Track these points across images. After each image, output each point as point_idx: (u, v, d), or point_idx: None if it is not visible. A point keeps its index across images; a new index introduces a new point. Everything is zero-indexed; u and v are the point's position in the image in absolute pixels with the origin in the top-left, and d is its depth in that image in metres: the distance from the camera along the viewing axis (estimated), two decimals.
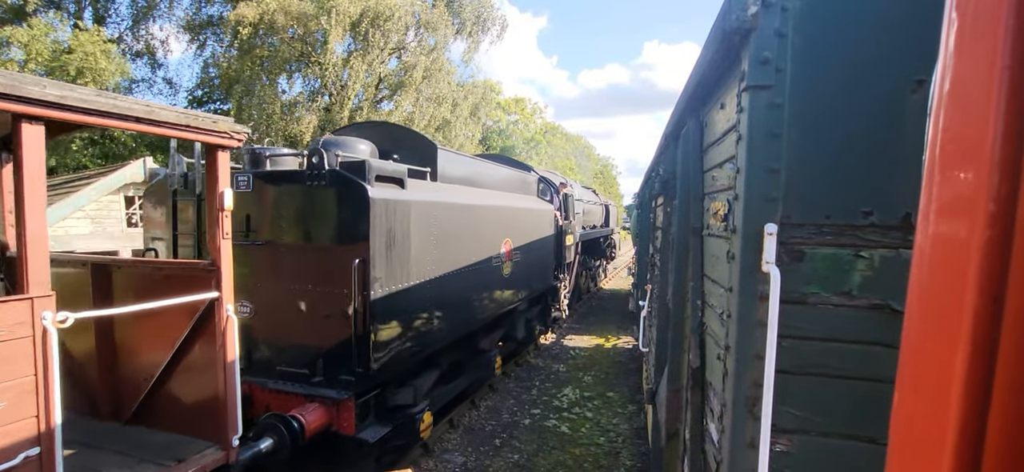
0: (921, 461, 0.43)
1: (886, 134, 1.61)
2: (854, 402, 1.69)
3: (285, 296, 4.55)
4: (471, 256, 6.05)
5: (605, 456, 6.07)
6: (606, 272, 22.61)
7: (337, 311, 4.36)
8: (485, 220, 6.52)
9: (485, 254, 6.49)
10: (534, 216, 8.80)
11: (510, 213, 7.51)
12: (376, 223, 4.24)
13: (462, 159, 6.99)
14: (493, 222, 6.77)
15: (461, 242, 5.80)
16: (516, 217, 7.76)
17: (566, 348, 10.98)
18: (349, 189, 4.28)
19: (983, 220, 0.37)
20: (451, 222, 5.57)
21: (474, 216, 6.17)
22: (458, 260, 5.75)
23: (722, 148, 2.28)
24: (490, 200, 6.86)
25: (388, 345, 4.58)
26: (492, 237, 6.71)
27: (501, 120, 39.12)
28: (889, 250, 1.63)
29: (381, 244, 4.34)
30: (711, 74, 2.29)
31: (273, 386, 4.54)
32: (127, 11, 20.32)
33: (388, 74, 21.89)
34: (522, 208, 8.16)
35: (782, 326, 1.66)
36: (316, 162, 4.35)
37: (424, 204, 5.03)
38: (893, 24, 1.59)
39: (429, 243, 5.11)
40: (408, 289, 4.81)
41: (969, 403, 0.38)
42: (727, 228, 2.05)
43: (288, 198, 4.51)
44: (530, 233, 8.45)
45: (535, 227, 8.77)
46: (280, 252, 4.54)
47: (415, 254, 4.85)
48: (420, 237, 4.93)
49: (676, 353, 3.30)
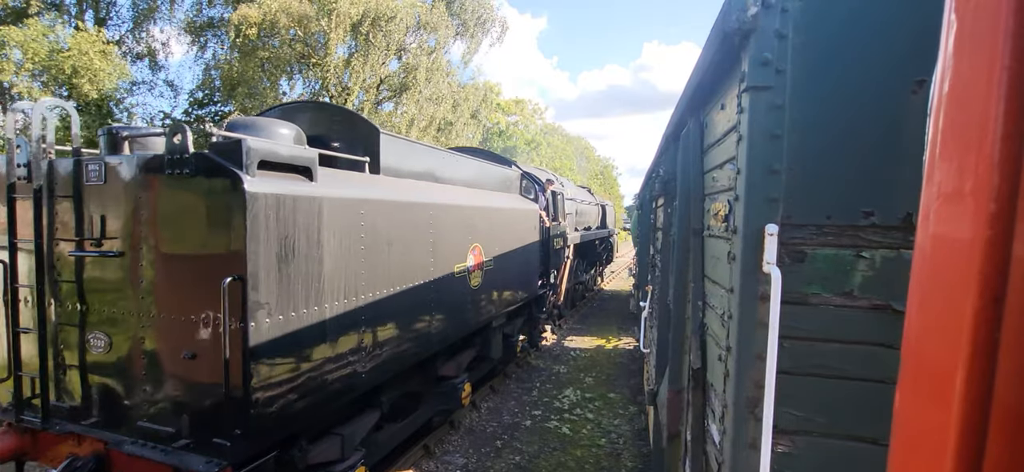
0: (922, 461, 0.43)
1: (887, 134, 1.62)
2: (856, 403, 1.69)
3: (144, 326, 3.36)
4: (424, 267, 4.97)
5: (607, 457, 6.06)
6: (603, 277, 21.55)
7: (206, 349, 3.19)
8: (446, 223, 5.35)
9: (445, 264, 5.39)
10: (514, 217, 7.65)
11: (482, 214, 6.36)
12: (259, 227, 3.10)
13: (418, 149, 5.73)
14: (457, 225, 5.63)
15: (408, 251, 4.67)
16: (490, 219, 6.63)
17: (567, 349, 10.97)
18: (217, 179, 3.11)
19: (983, 220, 0.37)
20: (393, 226, 4.42)
21: (428, 218, 5.02)
22: (404, 273, 4.63)
23: (723, 149, 2.29)
24: (453, 198, 5.68)
25: (281, 396, 3.37)
26: (456, 243, 5.60)
27: (501, 121, 39.14)
28: (890, 250, 1.63)
29: (268, 256, 3.18)
30: (711, 75, 2.30)
31: (130, 449, 3.30)
32: (128, 13, 20.37)
33: (389, 75, 21.92)
34: (498, 208, 6.99)
35: (783, 327, 1.66)
36: (178, 143, 3.15)
37: (346, 203, 3.83)
38: (893, 24, 1.59)
39: (356, 254, 3.94)
40: (318, 317, 3.61)
41: (970, 403, 0.38)
42: (728, 229, 2.05)
43: (146, 193, 3.30)
44: (509, 236, 7.35)
45: (515, 229, 7.66)
46: (139, 266, 3.35)
47: (331, 269, 3.69)
48: (340, 246, 3.78)
49: (677, 354, 3.30)
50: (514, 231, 7.64)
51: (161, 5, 20.08)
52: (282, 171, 3.47)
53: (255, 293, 3.13)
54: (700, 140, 2.81)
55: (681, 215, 3.08)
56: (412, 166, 5.42)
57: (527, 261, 8.39)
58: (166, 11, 20.37)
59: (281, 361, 3.36)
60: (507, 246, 7.28)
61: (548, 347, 11.03)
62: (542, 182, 9.74)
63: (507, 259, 7.27)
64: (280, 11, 17.90)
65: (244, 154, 3.13)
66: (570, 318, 13.98)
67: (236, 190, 3.06)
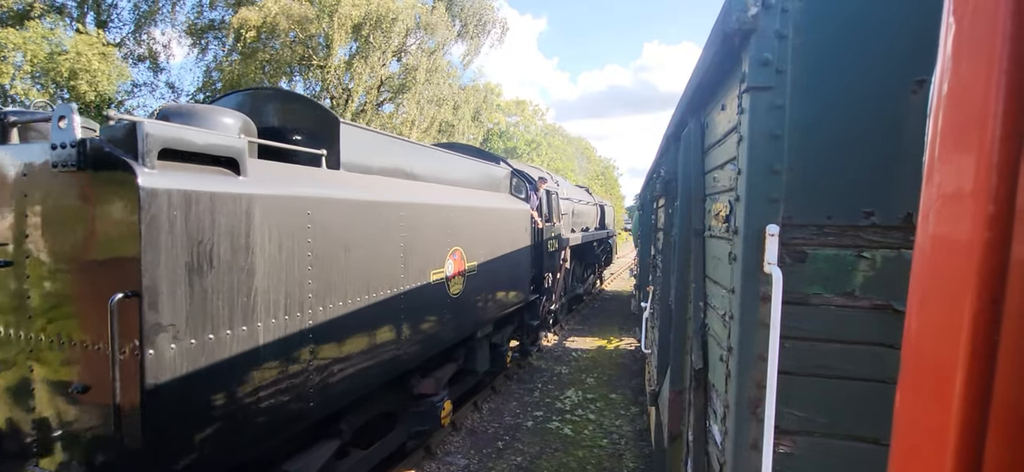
0: (923, 461, 0.43)
1: (887, 134, 1.62)
2: (857, 403, 1.69)
3: (31, 352, 2.81)
4: (392, 275, 4.34)
5: (608, 458, 6.06)
6: (602, 279, 20.63)
7: (99, 382, 2.60)
8: (420, 225, 4.76)
9: (419, 271, 4.77)
10: (503, 218, 7.06)
11: (464, 215, 5.75)
12: (159, 231, 2.52)
13: (387, 143, 5.04)
14: (434, 227, 5.03)
15: (373, 257, 4.04)
16: (474, 220, 6.02)
17: (568, 350, 10.97)
18: (106, 172, 2.55)
19: (982, 221, 0.37)
20: (352, 229, 3.82)
21: (398, 220, 4.38)
22: (368, 283, 4.00)
23: (723, 149, 2.29)
24: (430, 198, 5.05)
25: (198, 434, 2.77)
26: (432, 247, 5.00)
27: (502, 122, 39.17)
28: (891, 250, 1.63)
29: (174, 267, 2.59)
30: (712, 75, 2.30)
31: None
32: (129, 16, 20.42)
33: (390, 77, 21.95)
34: (484, 208, 6.41)
35: (784, 327, 1.66)
36: (63, 129, 2.61)
37: (288, 202, 3.23)
38: (893, 25, 1.60)
39: (302, 262, 3.36)
40: (249, 339, 3.01)
41: (970, 403, 0.38)
42: (729, 229, 2.05)
43: (32, 189, 2.75)
44: (496, 239, 6.75)
45: (504, 231, 7.07)
46: (23, 278, 2.79)
47: (267, 281, 3.09)
48: (280, 253, 3.18)
49: (678, 355, 3.30)
50: (502, 233, 7.03)
51: (163, 7, 20.13)
52: (197, 162, 2.83)
53: (155, 313, 2.50)
54: (701, 141, 2.81)
55: (682, 216, 3.08)
56: (381, 161, 4.74)
57: (517, 265, 7.76)
58: (167, 13, 20.42)
59: (195, 394, 2.72)
60: (494, 249, 6.68)
61: (549, 348, 11.02)
62: (535, 181, 9.11)
63: (494, 263, 6.69)
64: (280, 14, 17.94)
65: (140, 140, 2.52)
66: (571, 319, 13.98)
67: (127, 185, 2.46)
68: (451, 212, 5.46)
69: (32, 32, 14.97)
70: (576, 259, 13.71)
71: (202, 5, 20.18)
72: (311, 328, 3.49)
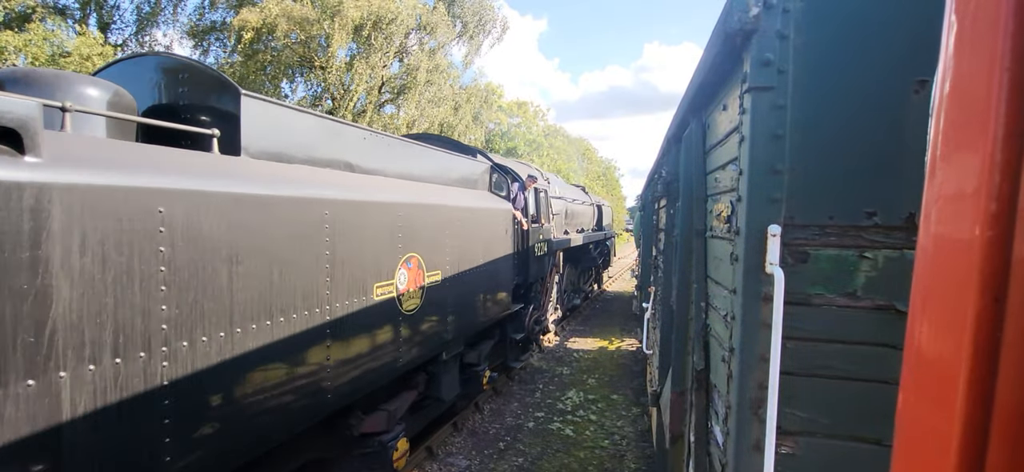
0: (924, 462, 0.43)
1: (889, 134, 1.61)
2: (860, 404, 1.69)
3: None
4: (310, 293, 3.38)
5: (610, 459, 6.05)
6: (600, 282, 19.39)
7: None
8: (359, 229, 3.84)
9: (356, 286, 3.84)
10: (478, 219, 6.15)
11: (423, 216, 4.81)
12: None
13: (314, 124, 3.99)
14: (380, 231, 4.12)
15: (278, 270, 3.11)
16: (437, 221, 5.10)
17: (570, 351, 10.96)
18: None
19: (984, 220, 0.37)
20: (244, 234, 2.88)
21: (317, 222, 3.42)
22: (266, 306, 3.04)
23: (725, 150, 2.29)
24: (372, 195, 4.09)
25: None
26: (375, 256, 4.07)
27: (503, 123, 39.20)
28: (893, 251, 1.63)
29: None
30: (713, 76, 2.30)
31: None
32: (131, 17, 20.48)
33: (391, 77, 21.98)
34: (452, 208, 5.47)
35: (786, 328, 1.66)
36: None
37: (117, 197, 2.30)
38: (894, 25, 1.59)
39: (151, 280, 2.44)
40: (40, 393, 2.03)
41: (972, 403, 0.38)
42: (730, 230, 2.04)
43: None
44: (469, 244, 5.84)
45: (479, 234, 6.14)
46: None
47: (77, 310, 2.16)
48: (102, 271, 2.25)
49: (680, 355, 3.30)
50: (477, 236, 6.11)
51: (165, 9, 20.18)
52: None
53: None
54: (702, 141, 2.81)
55: (683, 216, 3.08)
56: (305, 148, 3.82)
57: (496, 273, 6.82)
58: (169, 15, 20.47)
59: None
60: (466, 256, 5.77)
61: (551, 349, 11.02)
62: (520, 177, 8.20)
63: (466, 272, 5.79)
64: (281, 15, 17.98)
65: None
66: (573, 320, 13.96)
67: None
68: (404, 212, 4.49)
69: (33, 34, 15.00)
70: (570, 263, 12.86)
71: (204, 6, 20.24)
72: (167, 369, 2.52)
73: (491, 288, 6.75)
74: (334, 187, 3.71)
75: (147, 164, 2.57)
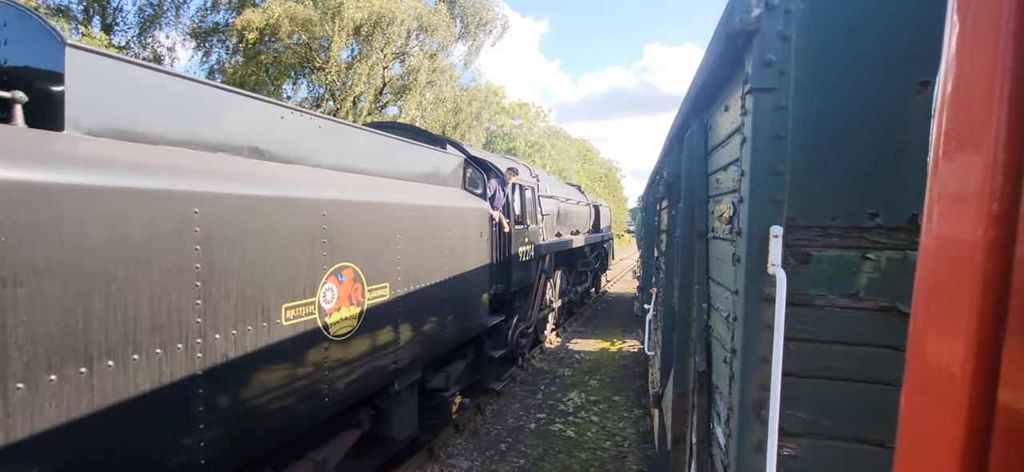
0: (927, 462, 0.43)
1: (891, 135, 1.61)
2: (863, 405, 1.68)
3: None
4: (166, 324, 2.52)
5: (612, 460, 6.04)
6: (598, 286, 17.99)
7: None
8: (251, 233, 2.97)
9: (250, 310, 2.98)
10: (443, 220, 5.21)
11: (364, 217, 3.94)
12: None
13: (190, 91, 3.04)
14: (291, 237, 3.25)
15: (116, 292, 2.29)
16: (385, 224, 4.21)
17: (571, 352, 10.96)
18: None
19: (986, 221, 0.37)
20: (41, 249, 2.03)
21: (178, 225, 2.57)
22: (82, 346, 2.18)
23: (726, 151, 2.28)
24: (277, 189, 3.22)
25: None
26: (285, 270, 3.21)
27: (505, 124, 39.23)
28: (896, 252, 1.63)
29: None
30: (715, 77, 2.30)
31: None
32: (134, 19, 20.55)
33: (392, 78, 22.01)
34: (408, 206, 4.54)
35: (788, 329, 1.66)
36: None
37: None
38: (897, 24, 1.59)
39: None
40: None
41: (974, 404, 0.38)
42: (732, 231, 2.04)
43: None
44: (430, 249, 4.94)
45: (445, 238, 5.23)
46: None
47: None
48: None
49: (682, 356, 3.30)
50: (443, 241, 5.17)
51: (167, 11, 20.24)
52: None
53: None
54: (704, 142, 2.81)
55: (685, 217, 3.08)
56: (182, 127, 2.92)
57: (468, 282, 5.86)
58: (172, 17, 20.53)
59: None
60: (427, 264, 4.88)
61: (552, 350, 11.01)
62: (500, 172, 7.24)
63: (427, 284, 4.90)
64: (283, 15, 18.02)
65: None
66: (574, 322, 13.96)
67: None
68: (334, 212, 3.56)
69: None
70: (565, 267, 12.03)
71: (206, 8, 20.30)
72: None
73: (462, 300, 5.78)
74: (212, 178, 2.80)
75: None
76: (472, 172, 6.53)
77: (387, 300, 4.30)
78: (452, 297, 5.50)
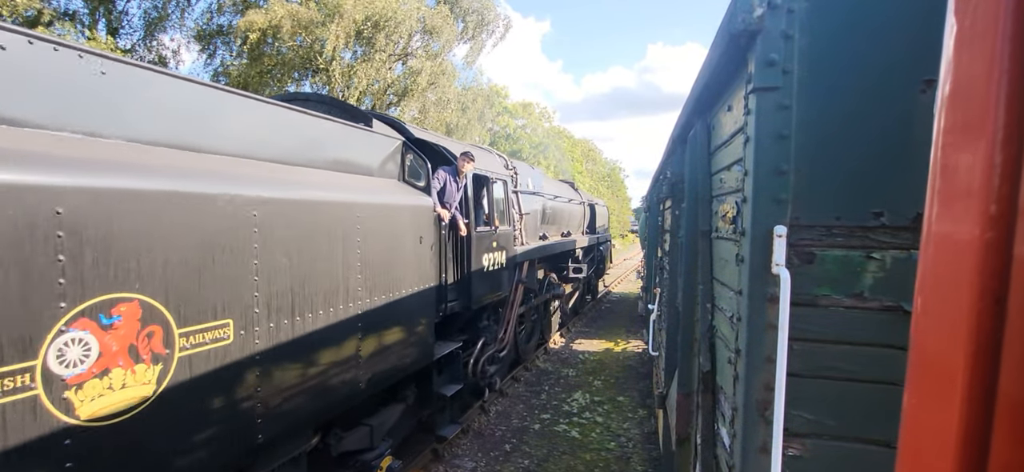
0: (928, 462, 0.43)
1: (896, 134, 1.61)
2: (868, 405, 1.68)
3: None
4: None
5: (616, 461, 6.04)
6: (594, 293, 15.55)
7: None
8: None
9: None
10: (354, 222, 3.86)
11: (191, 217, 2.69)
12: None
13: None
14: None
15: None
16: (231, 229, 2.91)
17: (575, 353, 10.95)
18: None
19: (984, 221, 0.37)
20: None
21: None
22: None
23: (730, 150, 2.28)
24: None
25: None
26: None
27: (509, 125, 39.24)
28: (900, 251, 1.62)
29: None
30: (718, 77, 2.29)
31: None
32: (140, 22, 20.65)
33: (395, 80, 22.06)
34: (282, 201, 3.25)
35: (793, 329, 1.65)
36: None
37: None
38: (900, 24, 1.59)
39: None
40: None
41: (974, 403, 0.38)
42: (736, 230, 2.04)
43: None
44: (329, 261, 3.62)
45: (353, 246, 3.86)
46: None
47: None
48: None
49: (686, 357, 3.29)
50: (346, 250, 3.76)
51: (172, 14, 20.35)
52: None
53: None
54: (707, 142, 2.81)
55: (689, 217, 3.08)
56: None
57: (398, 305, 4.40)
58: (177, 20, 20.64)
59: None
60: (318, 284, 3.52)
61: (556, 350, 11.00)
62: (453, 156, 5.67)
63: (318, 312, 3.54)
64: (286, 17, 18.11)
65: None
66: (578, 322, 13.94)
67: None
68: (88, 211, 2.25)
69: None
70: (553, 270, 10.52)
71: (211, 10, 20.40)
72: None
73: (389, 329, 4.32)
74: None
75: None
76: (413, 159, 5.01)
77: (227, 344, 2.89)
78: (371, 325, 4.06)
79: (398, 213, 4.49)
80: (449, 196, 5.47)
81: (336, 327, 3.74)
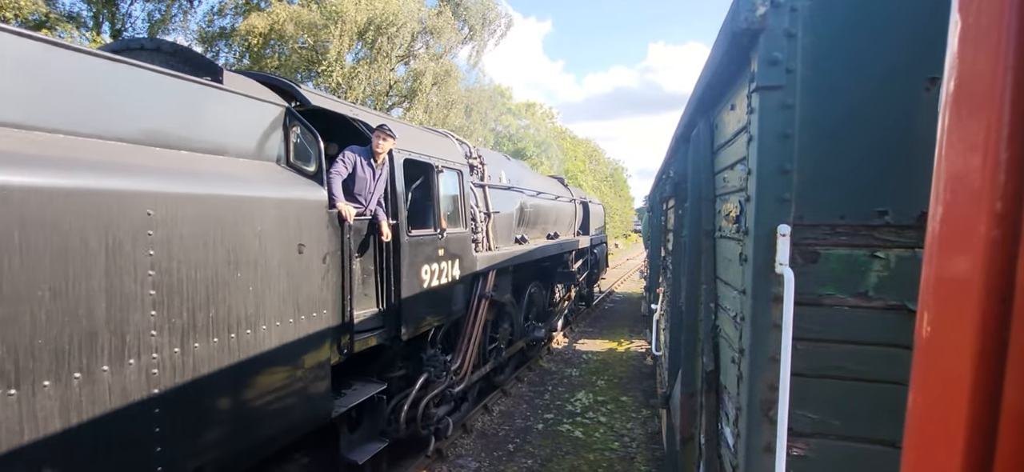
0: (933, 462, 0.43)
1: (900, 132, 1.60)
2: (873, 405, 1.67)
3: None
4: None
5: (620, 461, 6.03)
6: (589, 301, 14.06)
7: None
8: None
9: None
10: (144, 223, 2.38)
11: None
12: None
13: None
14: None
15: None
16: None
17: (579, 352, 10.94)
18: None
19: (989, 220, 0.37)
20: None
21: None
22: None
23: (733, 149, 2.27)
24: None
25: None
26: None
27: (512, 125, 39.24)
28: (905, 250, 1.61)
29: None
30: (720, 76, 2.29)
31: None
32: (143, 25, 20.76)
33: (398, 81, 22.10)
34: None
35: (797, 328, 1.65)
36: None
37: None
38: (904, 21, 1.58)
39: None
40: None
41: (979, 403, 0.38)
42: (739, 230, 2.03)
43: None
44: (75, 295, 2.10)
45: (148, 265, 2.40)
46: None
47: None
48: None
49: (690, 356, 3.28)
50: (135, 273, 2.36)
51: (175, 16, 20.45)
52: None
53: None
54: (710, 141, 2.80)
55: (692, 217, 3.07)
56: None
57: (253, 354, 3.00)
58: (180, 22, 20.74)
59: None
60: (57, 336, 2.07)
61: (559, 350, 11.00)
62: (368, 128, 4.33)
63: (52, 384, 2.05)
64: (288, 19, 18.17)
65: None
66: (581, 322, 13.93)
67: None
68: None
69: None
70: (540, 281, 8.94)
71: (214, 12, 20.51)
72: None
73: (229, 388, 2.89)
74: None
75: None
76: (302, 135, 3.59)
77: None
78: (185, 389, 2.64)
79: (250, 210, 2.97)
80: (361, 186, 4.12)
81: (91, 398, 2.20)
